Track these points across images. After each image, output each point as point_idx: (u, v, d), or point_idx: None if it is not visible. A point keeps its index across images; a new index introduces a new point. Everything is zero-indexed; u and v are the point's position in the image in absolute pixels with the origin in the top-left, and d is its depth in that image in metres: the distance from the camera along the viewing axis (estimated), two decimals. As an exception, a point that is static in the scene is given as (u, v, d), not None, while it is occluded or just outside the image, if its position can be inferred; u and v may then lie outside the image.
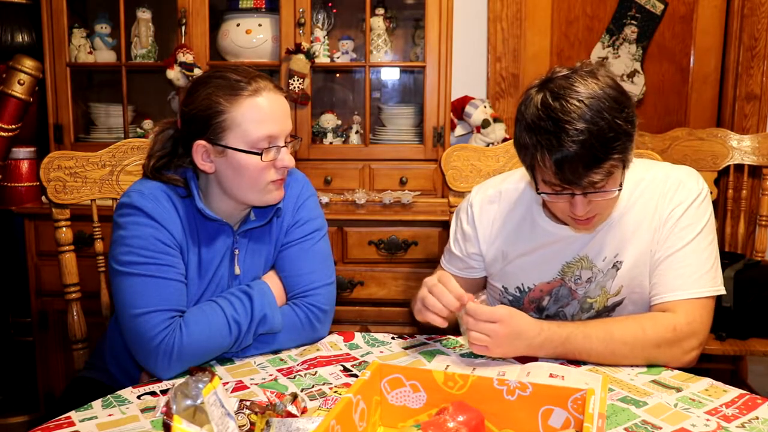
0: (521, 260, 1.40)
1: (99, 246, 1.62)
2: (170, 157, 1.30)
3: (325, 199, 2.32)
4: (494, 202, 1.44)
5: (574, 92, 1.14)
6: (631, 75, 2.76)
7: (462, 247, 1.49)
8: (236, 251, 1.33)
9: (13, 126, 2.34)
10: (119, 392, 1.13)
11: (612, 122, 1.13)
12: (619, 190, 1.20)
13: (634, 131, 1.17)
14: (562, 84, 1.16)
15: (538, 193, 1.24)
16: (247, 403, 0.97)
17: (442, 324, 1.24)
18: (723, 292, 1.29)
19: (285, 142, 1.27)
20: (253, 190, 1.26)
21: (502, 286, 1.45)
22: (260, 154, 1.23)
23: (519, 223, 1.41)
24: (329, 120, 2.55)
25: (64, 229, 1.57)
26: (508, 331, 1.17)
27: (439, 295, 1.22)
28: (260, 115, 1.22)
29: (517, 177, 1.45)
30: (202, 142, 1.23)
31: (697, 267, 1.28)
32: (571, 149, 1.12)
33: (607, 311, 1.38)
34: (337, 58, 2.54)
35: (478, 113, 2.52)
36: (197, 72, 2.35)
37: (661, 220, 1.31)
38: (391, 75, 2.73)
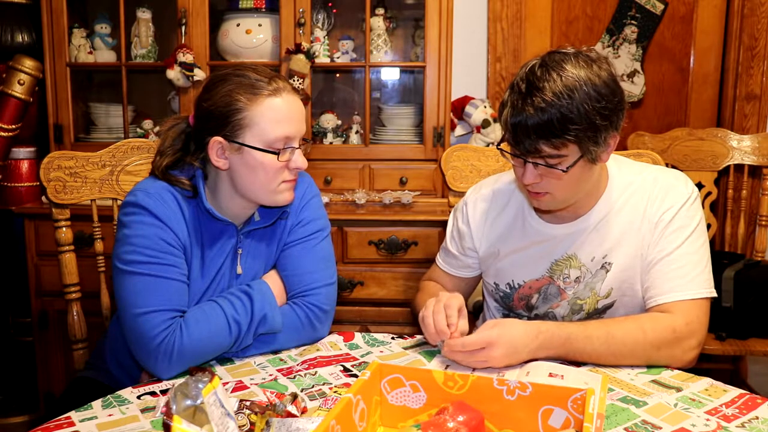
0: (512, 257, 1.43)
1: (99, 246, 1.62)
2: (183, 152, 1.30)
3: (325, 199, 2.32)
4: (487, 201, 1.48)
5: (560, 68, 1.18)
6: (631, 75, 2.76)
7: (458, 245, 1.53)
8: (239, 251, 1.34)
9: (13, 126, 2.33)
10: (119, 392, 1.13)
11: (580, 106, 1.15)
12: (564, 171, 1.21)
13: (605, 125, 1.19)
14: (555, 58, 1.20)
15: (497, 147, 1.29)
16: (247, 403, 0.97)
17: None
18: (715, 295, 1.30)
19: (299, 144, 1.27)
20: (265, 189, 1.26)
21: (494, 283, 1.48)
22: (277, 154, 1.23)
23: (511, 221, 1.44)
24: (329, 120, 2.55)
25: (64, 229, 1.57)
26: (503, 351, 1.16)
27: (434, 322, 1.24)
28: (279, 115, 1.23)
29: (510, 177, 1.48)
30: (219, 138, 1.24)
31: (690, 268, 1.28)
32: (529, 114, 1.16)
33: (597, 314, 1.38)
34: (337, 58, 2.54)
35: (478, 113, 2.52)
36: (197, 72, 2.35)
37: (651, 223, 1.31)
38: (391, 75, 2.73)
